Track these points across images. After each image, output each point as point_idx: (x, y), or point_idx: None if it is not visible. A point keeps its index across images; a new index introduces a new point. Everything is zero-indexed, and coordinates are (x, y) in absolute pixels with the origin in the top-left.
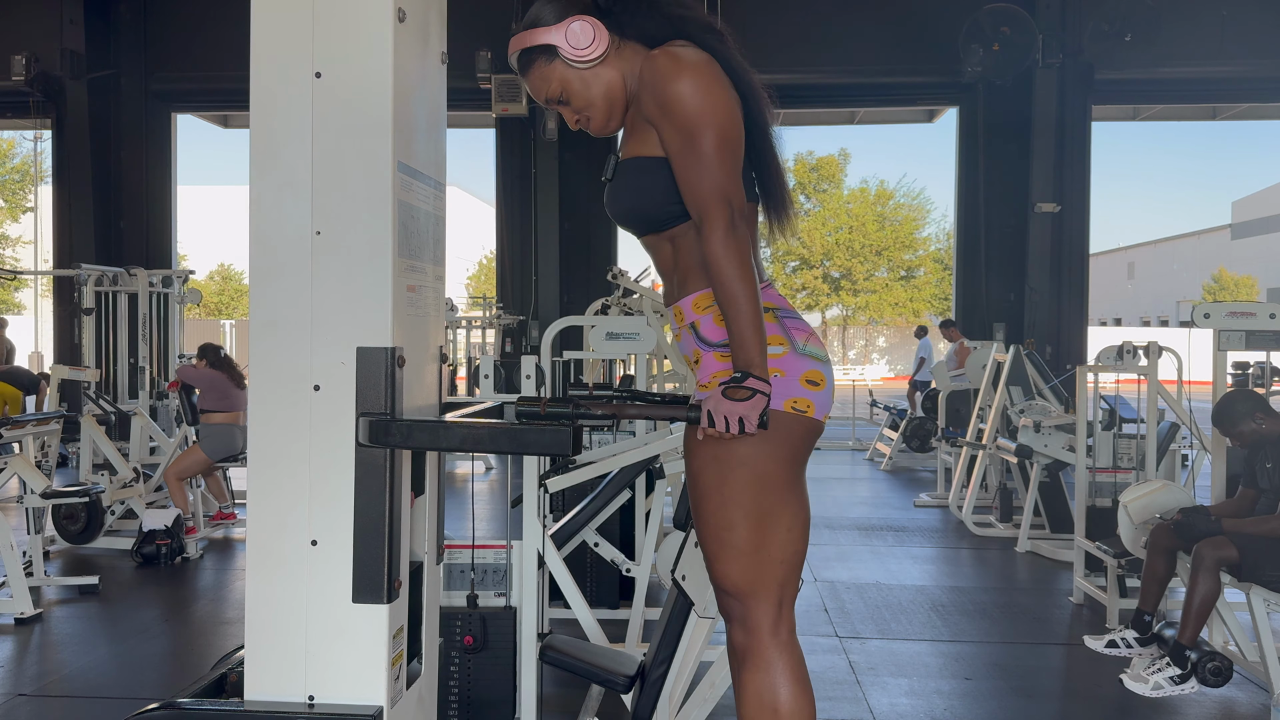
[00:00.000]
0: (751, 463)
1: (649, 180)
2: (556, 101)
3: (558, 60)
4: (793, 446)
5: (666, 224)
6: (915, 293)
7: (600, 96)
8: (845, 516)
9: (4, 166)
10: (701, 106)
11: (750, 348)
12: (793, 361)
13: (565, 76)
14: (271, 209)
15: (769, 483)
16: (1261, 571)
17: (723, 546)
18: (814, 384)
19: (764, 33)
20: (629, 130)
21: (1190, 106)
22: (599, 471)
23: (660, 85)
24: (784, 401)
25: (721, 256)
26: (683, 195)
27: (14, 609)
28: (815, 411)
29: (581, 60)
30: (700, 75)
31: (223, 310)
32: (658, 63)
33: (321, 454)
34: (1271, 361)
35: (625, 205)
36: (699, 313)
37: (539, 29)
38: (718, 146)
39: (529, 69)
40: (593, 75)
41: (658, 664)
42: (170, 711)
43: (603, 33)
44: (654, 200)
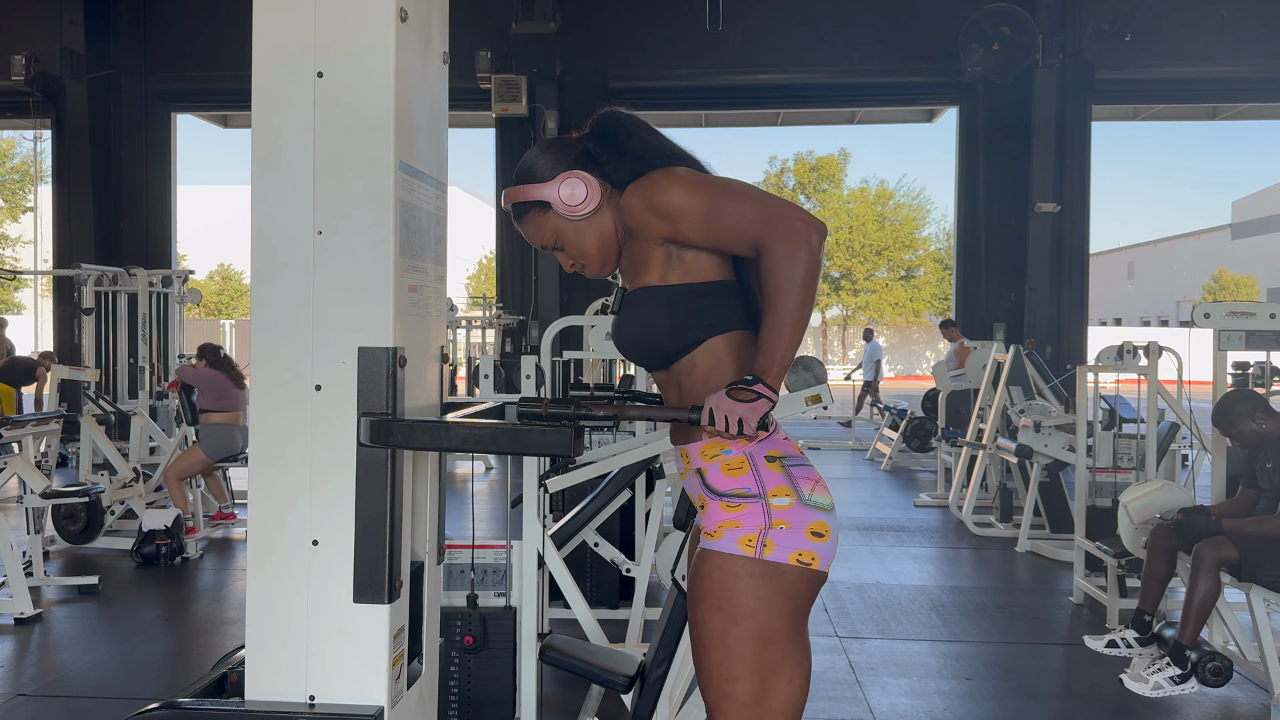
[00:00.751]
0: (756, 616)
1: (653, 308)
2: (551, 248)
3: (551, 212)
4: (797, 599)
5: (674, 355)
6: (915, 293)
7: (594, 244)
8: (845, 516)
9: (4, 166)
10: (705, 180)
11: (774, 358)
12: (799, 513)
13: (559, 227)
14: (273, 209)
15: (772, 636)
16: (1261, 571)
17: (725, 699)
18: (819, 535)
19: (764, 33)
20: (629, 266)
21: (1190, 106)
22: (599, 471)
23: (656, 200)
24: (789, 554)
25: (793, 258)
26: (732, 246)
27: (14, 609)
28: (820, 564)
29: (574, 215)
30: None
31: (223, 310)
32: (638, 191)
33: (323, 454)
34: (1271, 361)
35: (633, 336)
36: (706, 461)
37: (533, 185)
38: (743, 186)
39: (523, 218)
40: (586, 225)
41: (658, 664)
42: (170, 711)
43: (594, 187)
44: (660, 327)
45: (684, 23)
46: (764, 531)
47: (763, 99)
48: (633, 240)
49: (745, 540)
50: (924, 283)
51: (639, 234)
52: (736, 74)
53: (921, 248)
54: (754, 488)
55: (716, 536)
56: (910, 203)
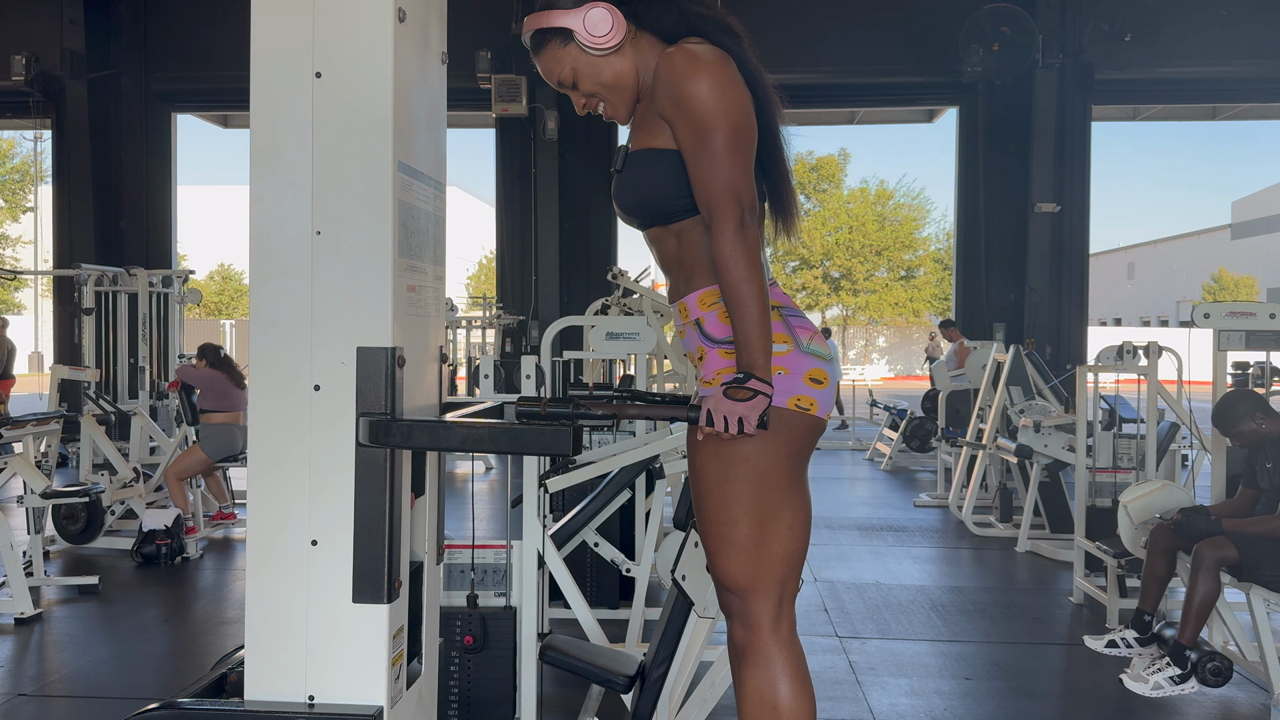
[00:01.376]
0: (754, 459)
1: (658, 172)
2: (567, 85)
3: (572, 44)
4: (795, 444)
5: (674, 217)
6: (915, 293)
7: (611, 84)
8: (845, 516)
9: (4, 166)
10: (716, 105)
11: (755, 349)
12: (797, 359)
13: (578, 61)
14: (272, 209)
15: (771, 479)
16: (1261, 571)
17: (724, 542)
18: (817, 382)
19: (764, 33)
20: (639, 122)
21: (1190, 106)
22: (599, 471)
23: (676, 82)
24: (787, 399)
25: (730, 255)
26: (694, 193)
27: (14, 609)
28: (818, 409)
29: (596, 47)
30: (716, 74)
31: (223, 310)
32: (674, 60)
33: (322, 454)
34: (1271, 361)
35: (634, 197)
36: (704, 309)
37: (556, 11)
38: (731, 145)
39: (542, 49)
40: (605, 63)
41: (658, 664)
42: (170, 711)
43: (620, 22)
44: (662, 192)
45: None
46: None
47: None
48: (649, 97)
49: None
50: (924, 283)
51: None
52: None
53: (921, 248)
54: None
55: (715, 384)
56: (910, 203)
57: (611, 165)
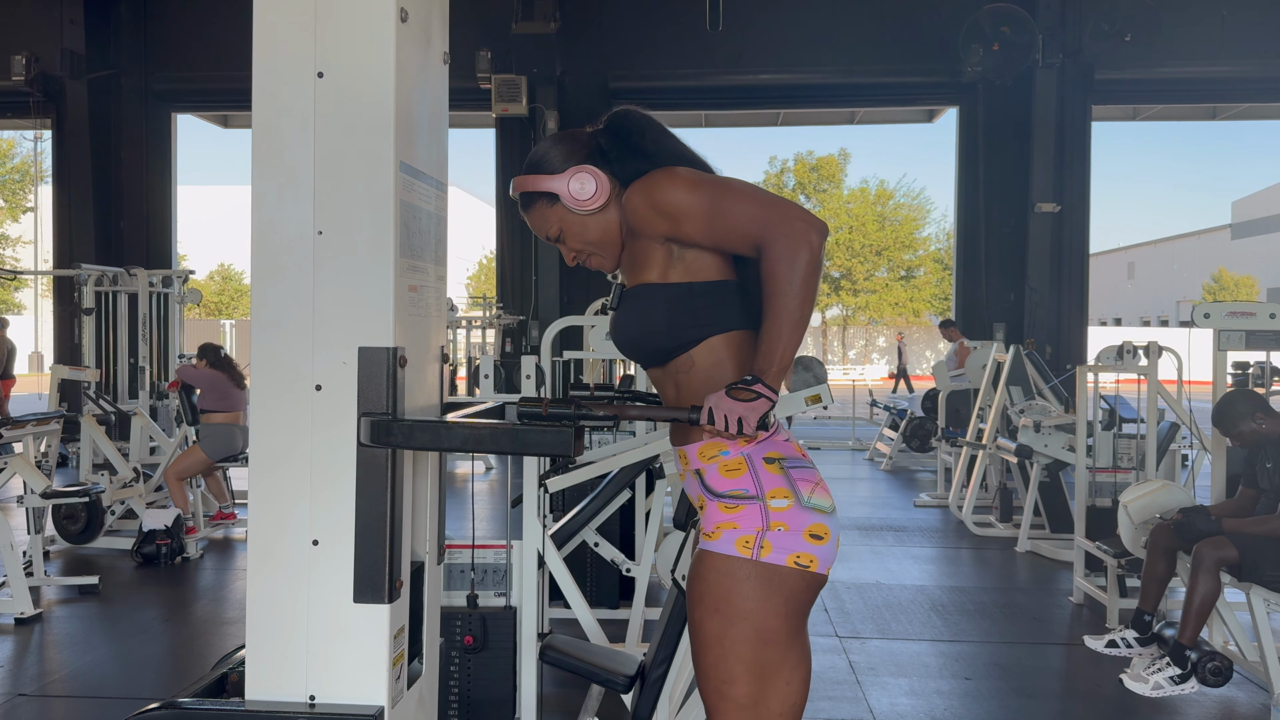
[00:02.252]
0: (754, 618)
1: (651, 305)
2: (555, 240)
3: (559, 205)
4: (795, 601)
5: (670, 354)
6: (915, 293)
7: (598, 239)
8: (845, 516)
9: (4, 166)
10: (706, 180)
11: (774, 359)
12: (797, 515)
13: (565, 220)
14: (273, 209)
15: (770, 638)
16: (1261, 571)
17: (723, 700)
18: (817, 538)
19: (764, 33)
20: (629, 263)
21: (1190, 106)
22: (599, 471)
23: (658, 199)
24: (787, 556)
25: (793, 260)
26: (733, 246)
27: (14, 609)
28: (818, 566)
29: (583, 210)
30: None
31: (223, 310)
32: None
33: (323, 454)
34: (1271, 361)
35: (631, 333)
36: (704, 462)
37: (542, 176)
38: (743, 185)
39: (530, 208)
40: (592, 220)
41: (658, 664)
42: (170, 711)
43: (604, 183)
44: (657, 325)
45: (684, 23)
46: (761, 533)
47: (763, 99)
48: (634, 238)
49: (743, 541)
50: (924, 283)
51: (641, 232)
52: (736, 74)
53: (921, 248)
54: (752, 489)
55: (714, 538)
56: (910, 203)
57: (609, 304)
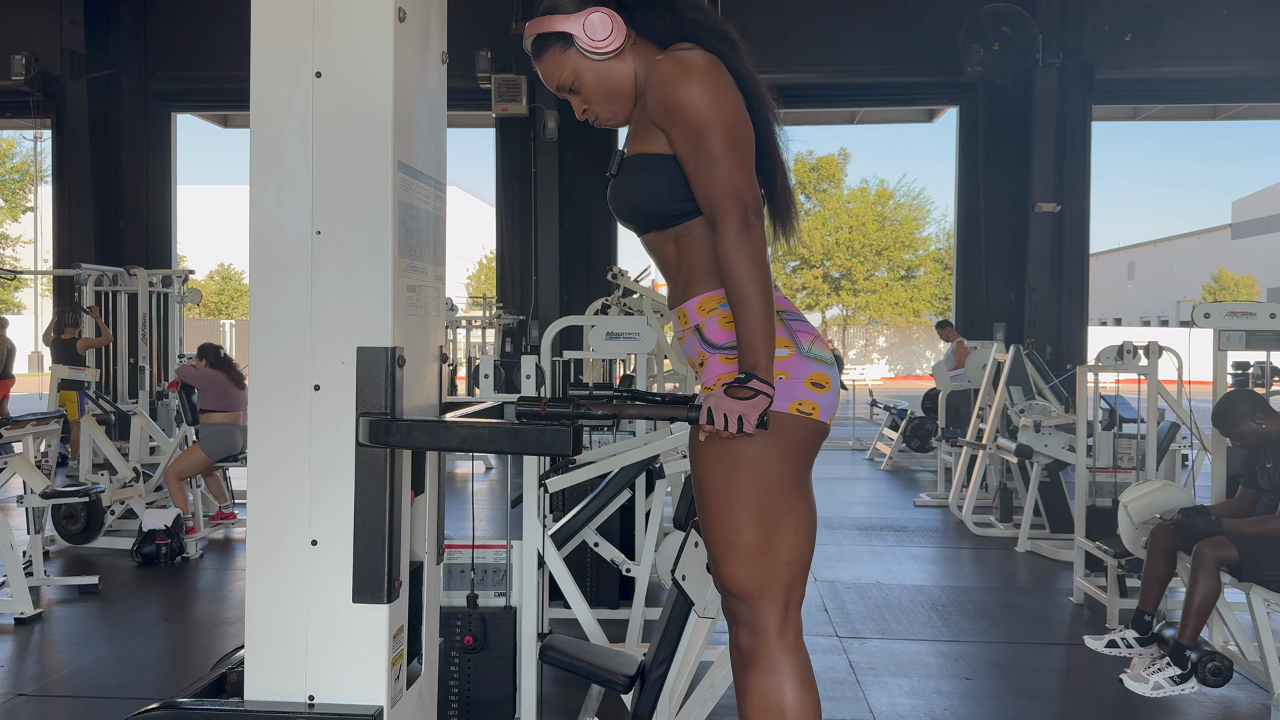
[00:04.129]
0: (757, 465)
1: (654, 177)
2: (567, 90)
3: (572, 49)
4: (798, 448)
5: (671, 221)
6: (915, 293)
7: (611, 89)
8: (845, 516)
9: (4, 166)
10: (709, 109)
11: (758, 350)
12: (798, 364)
13: (578, 66)
14: (272, 209)
15: (775, 484)
16: (1261, 571)
17: (729, 549)
18: (819, 386)
19: (764, 33)
20: (635, 127)
21: (1190, 106)
22: (599, 471)
23: (667, 89)
24: (789, 404)
25: (735, 256)
26: (696, 197)
27: (14, 609)
28: (820, 413)
29: (596, 52)
30: (706, 78)
31: (223, 310)
32: (663, 67)
33: (322, 454)
34: (1271, 361)
35: (630, 201)
36: (704, 315)
37: (557, 16)
38: (728, 146)
39: (542, 54)
40: (606, 68)
41: (658, 664)
42: (170, 711)
43: (620, 26)
44: (659, 197)
45: None
46: None
47: None
48: (644, 103)
49: None
50: (924, 283)
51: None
52: None
53: (921, 248)
54: None
55: (716, 389)
56: (910, 203)
57: (607, 170)
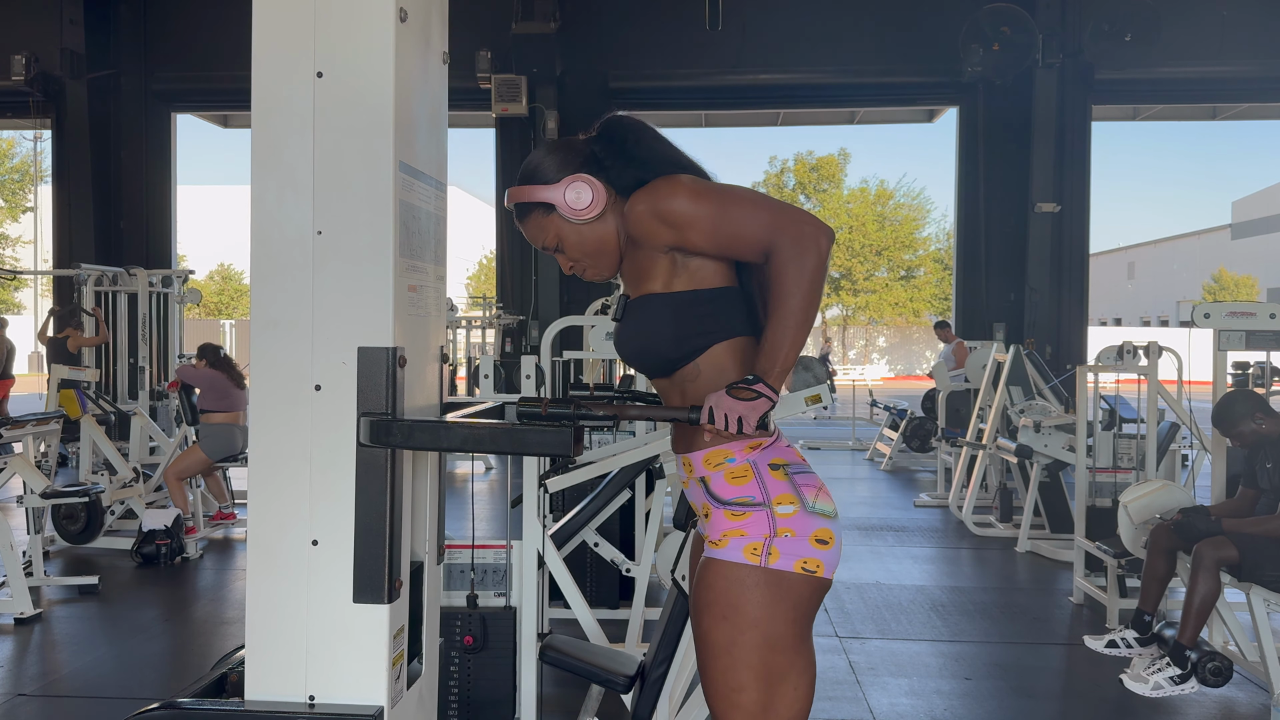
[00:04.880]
0: (761, 625)
1: (657, 315)
2: (552, 250)
3: (555, 214)
4: (801, 607)
5: (676, 364)
6: (915, 293)
7: (596, 248)
8: (845, 516)
9: (4, 166)
10: (710, 188)
11: (776, 360)
12: (803, 521)
13: (561, 229)
14: (273, 209)
15: (778, 644)
16: (1261, 571)
17: (731, 707)
18: (823, 543)
19: (764, 33)
20: (630, 273)
21: (1190, 106)
22: (599, 471)
23: (661, 208)
24: (794, 562)
25: (794, 264)
26: (741, 253)
27: (14, 609)
28: (824, 571)
29: (580, 219)
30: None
31: (223, 310)
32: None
33: (322, 454)
34: (1271, 361)
35: (638, 344)
36: (710, 469)
37: (538, 186)
38: (747, 192)
39: (526, 218)
40: (589, 229)
41: (658, 664)
42: (170, 711)
43: (600, 191)
44: (664, 335)
45: (684, 23)
46: (769, 540)
47: (763, 99)
48: (637, 248)
49: (750, 549)
50: (924, 283)
51: (644, 242)
52: (736, 74)
53: (921, 248)
54: (758, 495)
55: (721, 545)
56: (910, 203)
57: (612, 314)
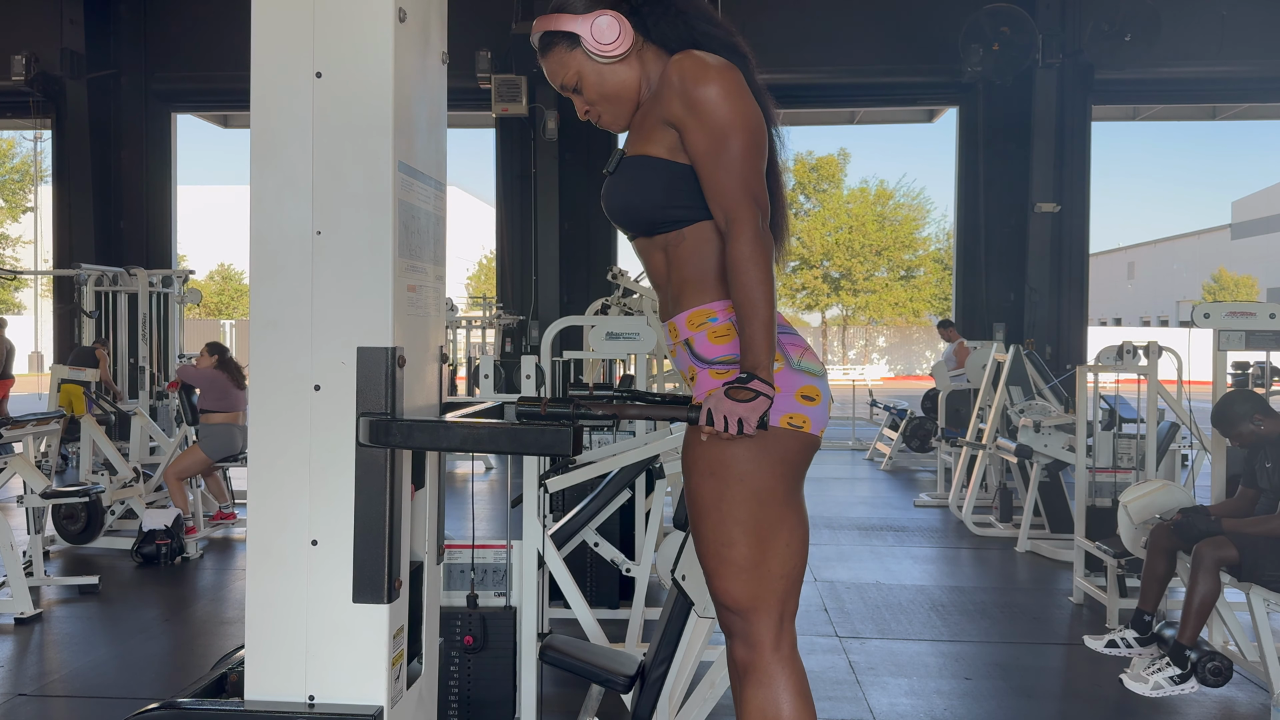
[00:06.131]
0: (749, 478)
1: (650, 179)
2: (570, 89)
3: (579, 49)
4: (790, 461)
5: (660, 227)
6: (915, 293)
7: (614, 92)
8: (845, 516)
9: (4, 166)
10: (731, 109)
11: (760, 351)
12: (788, 377)
13: (583, 67)
14: (272, 209)
15: (767, 498)
16: (1261, 571)
17: (722, 563)
18: (809, 399)
19: (764, 33)
20: (637, 129)
21: (1190, 106)
22: (599, 471)
23: (689, 87)
24: (780, 417)
25: (748, 258)
26: (708, 197)
27: (14, 609)
28: (811, 426)
29: (603, 55)
30: (728, 81)
31: (223, 310)
32: (685, 65)
33: (322, 454)
34: (1271, 361)
35: (623, 200)
36: (693, 329)
37: (565, 15)
38: (747, 149)
39: (548, 52)
40: (610, 70)
41: (658, 664)
42: (170, 711)
43: (628, 30)
44: (652, 200)
45: None
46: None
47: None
48: (654, 106)
49: None
50: (924, 283)
51: (664, 104)
52: None
53: (921, 248)
54: None
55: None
56: (910, 203)
57: (604, 167)
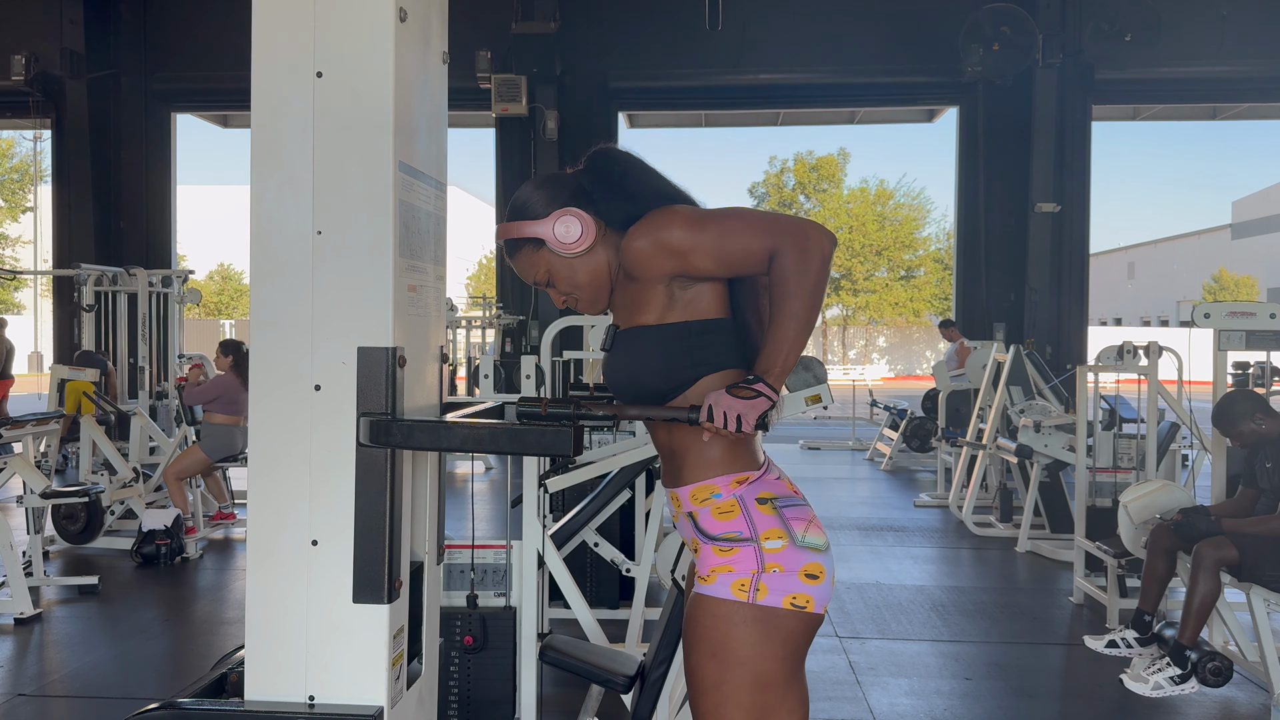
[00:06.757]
0: (750, 662)
1: (647, 349)
2: (545, 285)
3: (545, 249)
4: (792, 644)
5: (667, 395)
6: (915, 293)
7: (587, 281)
8: (845, 516)
9: (4, 166)
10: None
11: (777, 360)
12: (792, 555)
13: (552, 264)
14: (272, 209)
15: (768, 682)
16: (1261, 571)
17: None
18: (813, 577)
19: (764, 33)
20: (621, 304)
21: (1190, 106)
22: (599, 471)
23: (665, 236)
24: (783, 598)
25: (791, 272)
26: (749, 258)
27: (14, 609)
28: (815, 606)
29: (569, 253)
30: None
31: (223, 310)
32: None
33: (322, 454)
34: (1271, 361)
35: (627, 375)
36: (697, 504)
37: (527, 222)
38: (743, 209)
39: (516, 254)
40: (579, 263)
41: (658, 664)
42: (170, 711)
43: (589, 225)
44: (652, 369)
45: (684, 23)
46: (757, 575)
47: (763, 99)
48: (631, 281)
49: (738, 585)
50: (924, 283)
51: (643, 275)
52: (736, 74)
53: (921, 248)
54: (745, 531)
55: (710, 581)
56: (910, 203)
57: (601, 344)
